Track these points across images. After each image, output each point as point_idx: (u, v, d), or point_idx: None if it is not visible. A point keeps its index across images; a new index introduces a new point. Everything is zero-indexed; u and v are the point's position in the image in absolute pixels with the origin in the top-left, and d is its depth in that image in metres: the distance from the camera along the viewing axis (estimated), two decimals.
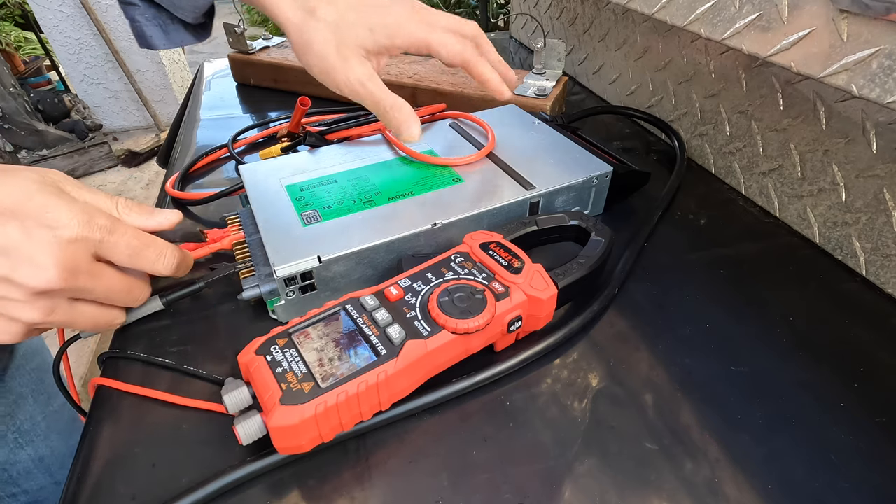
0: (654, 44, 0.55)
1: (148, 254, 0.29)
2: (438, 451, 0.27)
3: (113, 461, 0.27)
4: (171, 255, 0.30)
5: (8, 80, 2.03)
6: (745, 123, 0.46)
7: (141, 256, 0.29)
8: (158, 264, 0.30)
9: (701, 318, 0.35)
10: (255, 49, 0.70)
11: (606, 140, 0.49)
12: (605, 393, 0.30)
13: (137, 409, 0.30)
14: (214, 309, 0.36)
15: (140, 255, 0.29)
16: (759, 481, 0.26)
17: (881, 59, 0.29)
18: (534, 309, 0.30)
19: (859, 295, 0.37)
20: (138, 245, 0.29)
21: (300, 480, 0.26)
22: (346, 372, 0.25)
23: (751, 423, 0.28)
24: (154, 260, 0.30)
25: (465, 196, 0.38)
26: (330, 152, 0.44)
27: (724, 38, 0.40)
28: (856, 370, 0.31)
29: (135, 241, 0.29)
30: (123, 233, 0.28)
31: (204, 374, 0.31)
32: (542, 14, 0.79)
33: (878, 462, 0.27)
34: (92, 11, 2.17)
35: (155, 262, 0.30)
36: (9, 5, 2.68)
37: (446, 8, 2.67)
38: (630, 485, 0.26)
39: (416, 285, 0.30)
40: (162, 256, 0.30)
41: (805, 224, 0.42)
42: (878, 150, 0.35)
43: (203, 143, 0.58)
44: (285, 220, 0.35)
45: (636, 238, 0.40)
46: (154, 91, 2.50)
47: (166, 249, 0.30)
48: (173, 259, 0.31)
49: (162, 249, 0.30)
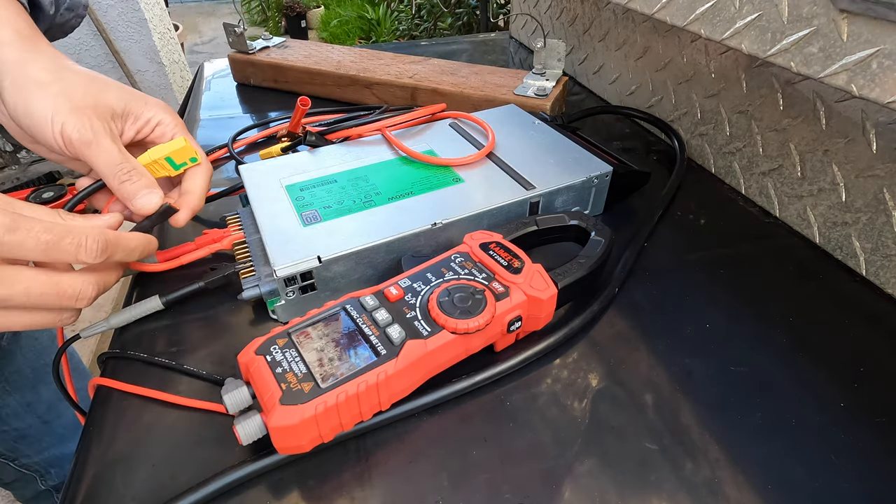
0: (654, 44, 0.55)
1: (65, 245, 0.26)
2: (438, 451, 0.27)
3: (113, 461, 0.27)
4: (93, 239, 0.27)
5: None
6: (745, 123, 0.46)
7: (58, 248, 0.26)
8: (81, 253, 0.27)
9: (701, 318, 0.35)
10: (255, 49, 0.70)
11: (606, 140, 0.49)
12: (605, 393, 0.30)
13: (137, 409, 0.30)
14: (214, 309, 0.36)
15: (56, 247, 0.26)
16: (759, 481, 0.26)
17: (881, 59, 0.29)
18: (534, 309, 0.30)
19: (859, 295, 0.37)
20: (51, 238, 0.26)
21: (300, 480, 0.26)
22: (346, 372, 0.25)
23: (751, 423, 0.28)
24: (74, 250, 0.27)
25: (465, 196, 0.38)
26: (330, 152, 0.44)
27: (724, 38, 0.40)
28: (856, 370, 0.31)
29: (45, 234, 0.26)
30: (29, 228, 0.25)
31: (204, 374, 0.31)
32: (542, 14, 0.79)
33: (878, 462, 0.27)
34: (92, 11, 2.17)
35: (76, 252, 0.27)
36: None
37: (446, 8, 2.66)
38: (630, 485, 0.26)
39: (416, 285, 0.30)
40: (81, 245, 0.27)
41: (805, 224, 0.42)
42: (878, 150, 0.35)
43: (203, 143, 0.58)
44: (285, 220, 0.35)
45: (636, 238, 0.40)
46: (154, 91, 2.50)
47: (84, 236, 0.27)
48: (95, 244, 0.27)
49: (80, 237, 0.27)
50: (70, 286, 0.28)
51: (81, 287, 0.28)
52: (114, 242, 0.29)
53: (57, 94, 0.31)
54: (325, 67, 0.65)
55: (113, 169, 0.32)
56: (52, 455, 0.66)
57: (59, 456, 0.67)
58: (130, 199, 0.32)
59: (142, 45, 2.37)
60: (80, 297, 0.28)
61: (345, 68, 0.64)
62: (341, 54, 0.69)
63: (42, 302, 0.27)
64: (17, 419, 0.61)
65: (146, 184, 0.32)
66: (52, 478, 0.68)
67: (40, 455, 0.65)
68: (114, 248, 0.29)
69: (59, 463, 0.68)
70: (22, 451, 0.64)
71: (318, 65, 0.66)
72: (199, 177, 0.36)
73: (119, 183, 0.32)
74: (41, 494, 0.69)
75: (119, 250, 0.29)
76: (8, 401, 0.60)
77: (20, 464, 0.65)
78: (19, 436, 0.62)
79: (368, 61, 0.66)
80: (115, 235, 0.29)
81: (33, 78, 0.31)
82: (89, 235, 0.27)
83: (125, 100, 0.34)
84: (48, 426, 0.64)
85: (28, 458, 0.65)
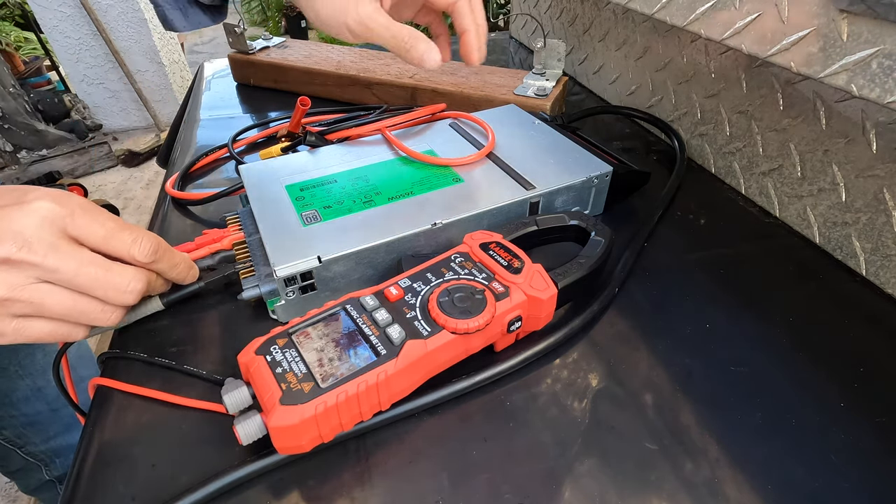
0: (654, 44, 0.55)
1: (124, 235, 0.28)
2: (438, 451, 0.27)
3: (113, 461, 0.27)
4: (148, 239, 0.29)
5: (8, 80, 2.03)
6: (745, 123, 0.46)
7: (118, 238, 0.28)
8: (135, 248, 0.29)
9: (701, 318, 0.35)
10: (255, 49, 0.70)
11: (606, 140, 0.49)
12: (605, 393, 0.30)
13: (137, 409, 0.30)
14: (214, 309, 0.36)
15: (117, 236, 0.28)
16: (759, 481, 0.26)
17: (881, 59, 0.29)
18: (534, 309, 0.30)
19: (859, 295, 0.37)
20: (114, 226, 0.28)
21: (300, 480, 0.26)
22: (346, 372, 0.25)
23: (751, 423, 0.28)
24: (130, 244, 0.28)
25: (465, 196, 0.38)
26: (330, 152, 0.44)
27: (724, 38, 0.40)
28: (856, 370, 0.31)
29: (110, 221, 0.28)
30: (100, 213, 0.28)
31: (204, 374, 0.31)
32: (542, 14, 0.79)
33: (878, 462, 0.27)
34: (92, 11, 2.17)
35: (132, 246, 0.28)
36: (9, 5, 2.68)
37: None
38: (630, 485, 0.26)
39: (416, 285, 0.30)
40: (137, 241, 0.29)
41: (805, 224, 0.42)
42: (878, 150, 0.35)
43: (203, 143, 0.58)
44: (285, 220, 0.35)
45: (636, 238, 0.40)
46: (154, 91, 2.50)
47: (142, 234, 0.29)
48: (149, 243, 0.29)
49: (137, 233, 0.29)
50: (120, 274, 0.28)
51: (132, 278, 0.29)
52: (164, 249, 0.31)
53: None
54: (325, 67, 0.65)
55: (395, 37, 0.35)
56: (58, 444, 0.68)
57: (65, 446, 0.68)
58: (420, 62, 0.36)
59: (142, 45, 2.36)
60: (129, 289, 0.29)
61: (345, 68, 0.64)
62: (341, 54, 0.69)
63: (90, 283, 0.27)
64: (27, 404, 0.62)
65: (427, 45, 0.36)
66: (57, 468, 0.69)
67: (46, 444, 0.66)
68: (162, 254, 0.30)
69: (65, 453, 0.69)
70: (29, 439, 0.64)
71: (318, 65, 0.66)
72: (467, 13, 0.38)
73: (405, 51, 0.36)
74: (44, 485, 0.70)
75: (165, 259, 0.31)
76: (19, 385, 0.61)
77: (27, 451, 0.65)
78: (28, 422, 0.63)
79: (368, 61, 0.66)
80: (165, 244, 0.31)
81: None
82: (145, 234, 0.29)
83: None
84: (56, 414, 0.65)
85: (35, 445, 0.65)
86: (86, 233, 0.27)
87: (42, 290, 0.26)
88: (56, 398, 0.64)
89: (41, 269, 0.26)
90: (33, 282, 0.26)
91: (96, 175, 2.27)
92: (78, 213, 0.27)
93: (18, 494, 1.15)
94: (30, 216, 0.25)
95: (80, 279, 0.27)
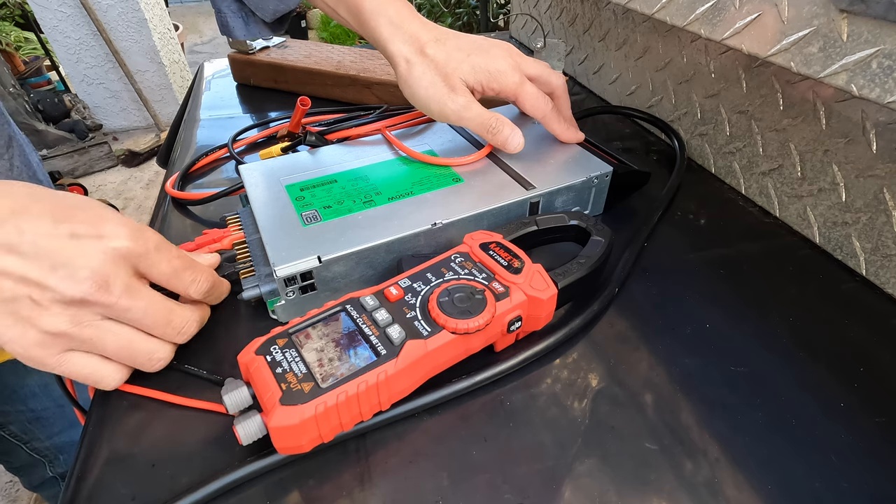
0: (654, 44, 0.55)
1: (186, 275, 0.30)
2: (438, 451, 0.27)
3: (113, 461, 0.27)
4: (205, 279, 0.31)
5: (8, 80, 2.04)
6: (745, 123, 0.46)
7: (180, 278, 0.29)
8: (192, 288, 0.30)
9: (701, 318, 0.35)
10: (255, 49, 0.70)
11: (606, 140, 0.49)
12: (605, 393, 0.30)
13: (137, 409, 0.30)
14: (214, 309, 0.36)
15: (179, 276, 0.29)
16: (759, 481, 0.26)
17: (881, 59, 0.29)
18: (534, 309, 0.30)
19: (859, 295, 0.37)
20: (180, 265, 0.29)
21: (300, 480, 0.26)
22: (346, 372, 0.25)
23: (751, 423, 0.28)
24: (189, 283, 0.30)
25: (465, 196, 0.38)
26: (330, 152, 0.44)
27: (724, 38, 0.40)
28: (856, 370, 0.31)
29: (177, 259, 0.29)
30: (169, 250, 0.29)
31: (204, 374, 0.31)
32: (542, 14, 0.79)
33: (878, 462, 0.27)
34: (92, 11, 2.17)
35: (190, 286, 0.30)
36: (9, 5, 2.68)
37: (446, 8, 2.67)
38: (630, 485, 0.26)
39: (416, 285, 0.30)
40: (196, 281, 0.30)
41: (805, 224, 0.42)
42: (878, 150, 0.35)
43: (203, 143, 0.58)
44: (285, 220, 0.35)
45: (636, 238, 0.40)
46: (154, 91, 2.50)
47: (201, 274, 0.30)
48: (206, 284, 0.31)
49: (198, 273, 0.30)
50: (181, 316, 0.29)
51: (189, 320, 0.30)
52: (217, 285, 0.32)
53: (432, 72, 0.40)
54: (325, 67, 0.65)
55: (484, 125, 0.40)
56: (63, 441, 0.68)
57: (69, 442, 0.69)
58: (504, 145, 0.41)
59: (142, 45, 2.37)
60: (184, 331, 0.30)
61: (345, 68, 0.64)
62: (341, 54, 0.69)
63: (152, 323, 0.28)
64: (35, 400, 0.62)
65: (510, 130, 0.40)
66: (60, 464, 0.70)
67: (51, 440, 0.67)
68: (213, 291, 0.32)
69: (69, 449, 0.69)
70: (35, 434, 0.65)
71: (318, 65, 0.66)
72: (559, 122, 0.43)
73: (492, 136, 0.40)
74: (47, 482, 0.70)
75: (214, 293, 0.32)
76: (27, 381, 0.61)
77: (32, 447, 0.66)
78: (34, 417, 0.63)
79: (368, 61, 0.66)
80: (218, 279, 0.32)
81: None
82: (204, 273, 0.31)
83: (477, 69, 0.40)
84: (62, 410, 0.66)
85: (40, 441, 0.66)
86: (155, 272, 0.28)
87: (104, 327, 0.27)
88: (62, 394, 0.64)
89: (112, 309, 0.26)
90: (98, 319, 0.26)
91: (96, 175, 2.27)
92: (152, 254, 0.28)
93: (18, 494, 1.16)
94: (108, 254, 0.26)
95: (147, 320, 0.28)
